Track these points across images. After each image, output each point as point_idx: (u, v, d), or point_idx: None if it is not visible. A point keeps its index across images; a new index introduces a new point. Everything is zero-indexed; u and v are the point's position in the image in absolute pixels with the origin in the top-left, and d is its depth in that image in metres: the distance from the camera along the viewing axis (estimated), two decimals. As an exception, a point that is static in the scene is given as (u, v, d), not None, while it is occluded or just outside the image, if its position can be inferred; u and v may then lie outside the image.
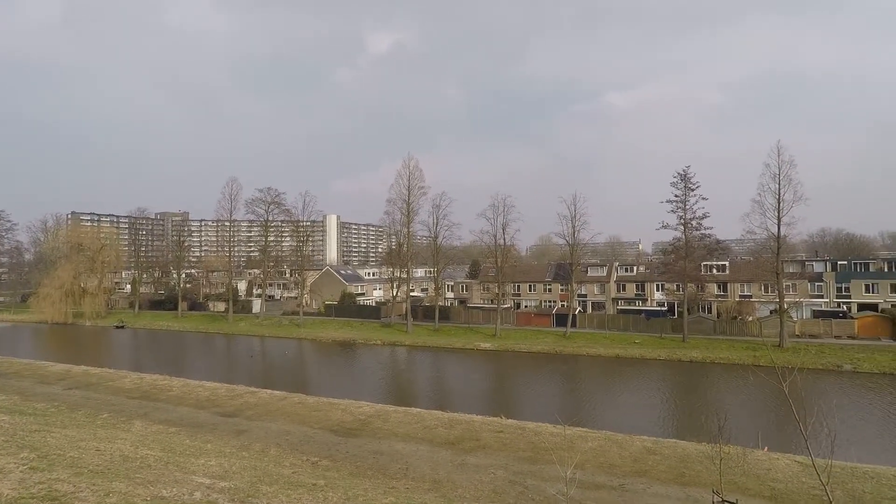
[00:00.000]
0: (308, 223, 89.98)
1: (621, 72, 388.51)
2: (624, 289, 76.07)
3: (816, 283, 65.71)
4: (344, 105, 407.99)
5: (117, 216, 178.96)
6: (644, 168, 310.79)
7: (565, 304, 72.40)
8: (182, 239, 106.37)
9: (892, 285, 61.57)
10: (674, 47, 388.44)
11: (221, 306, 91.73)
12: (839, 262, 68.91)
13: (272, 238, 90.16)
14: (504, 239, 70.14)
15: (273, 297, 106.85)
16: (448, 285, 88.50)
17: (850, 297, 64.04)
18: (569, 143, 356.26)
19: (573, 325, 65.06)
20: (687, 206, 60.41)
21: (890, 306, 59.07)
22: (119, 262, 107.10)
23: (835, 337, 56.27)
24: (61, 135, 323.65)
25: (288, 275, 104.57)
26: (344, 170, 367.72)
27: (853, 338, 55.57)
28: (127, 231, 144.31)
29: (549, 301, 78.65)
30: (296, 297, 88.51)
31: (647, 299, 73.72)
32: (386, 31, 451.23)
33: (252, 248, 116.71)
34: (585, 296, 77.25)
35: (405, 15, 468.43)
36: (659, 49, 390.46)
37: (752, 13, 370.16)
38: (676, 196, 60.75)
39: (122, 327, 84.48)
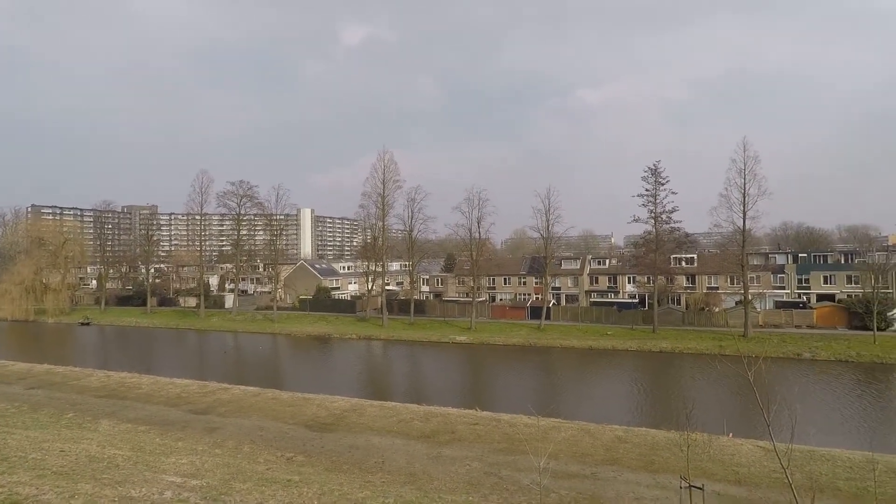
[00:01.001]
0: (282, 217, 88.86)
1: (593, 68, 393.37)
2: (597, 281, 77.35)
3: (779, 275, 68.08)
4: (318, 98, 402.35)
5: (81, 210, 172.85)
6: (616, 162, 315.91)
7: (539, 297, 73.23)
8: (150, 233, 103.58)
9: (847, 277, 64.27)
10: (644, 45, 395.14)
11: (193, 302, 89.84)
12: (800, 255, 71.52)
13: (245, 232, 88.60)
14: (479, 232, 70.61)
15: (246, 291, 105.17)
16: (423, 279, 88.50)
17: (809, 288, 66.67)
18: (543, 138, 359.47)
19: (547, 317, 65.91)
20: (657, 201, 61.71)
21: (846, 297, 61.62)
22: (84, 257, 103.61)
23: (795, 326, 58.43)
24: (18, 125, 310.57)
25: (261, 269, 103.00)
26: (319, 163, 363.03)
27: (812, 327, 57.80)
28: (92, 225, 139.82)
29: (524, 294, 79.44)
30: (269, 292, 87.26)
31: (619, 292, 75.12)
32: (359, 24, 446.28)
33: (224, 243, 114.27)
34: (559, 289, 78.28)
35: (378, 7, 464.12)
36: (629, 46, 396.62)
37: (721, 13, 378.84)
38: (647, 190, 62.03)
39: (88, 324, 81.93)
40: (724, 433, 23.57)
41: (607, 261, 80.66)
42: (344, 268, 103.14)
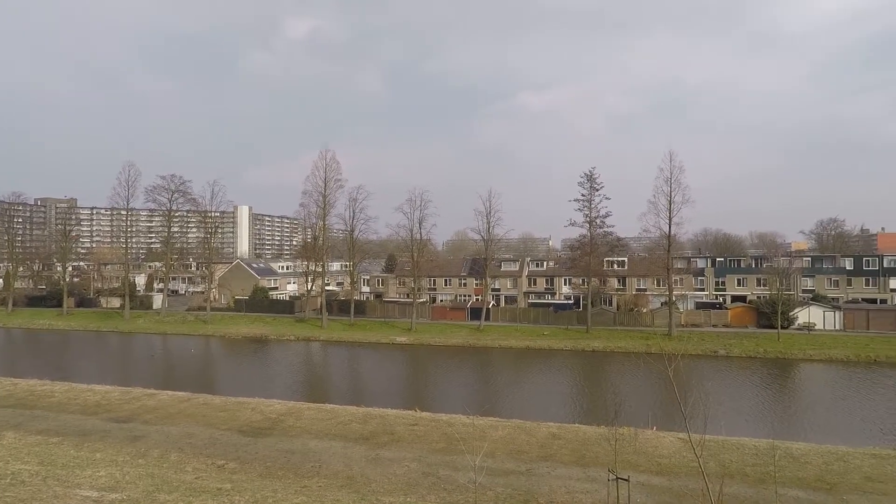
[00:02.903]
0: (217, 214, 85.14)
1: (536, 72, 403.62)
2: (535, 283, 79.58)
3: (699, 278, 73.19)
4: (258, 91, 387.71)
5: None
6: (556, 166, 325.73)
7: (480, 298, 74.45)
8: (68, 228, 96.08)
9: (757, 280, 70.46)
10: (584, 53, 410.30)
11: (117, 302, 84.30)
12: (717, 259, 77.22)
13: (176, 229, 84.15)
14: (420, 233, 70.85)
15: (177, 291, 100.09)
16: (364, 279, 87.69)
17: (725, 290, 72.34)
18: (486, 140, 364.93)
19: (487, 318, 67.10)
20: (592, 205, 64.44)
21: (756, 298, 67.06)
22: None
23: (713, 326, 62.75)
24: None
25: (194, 268, 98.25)
26: (258, 160, 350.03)
27: (727, 326, 62.28)
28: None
29: (464, 295, 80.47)
30: (203, 292, 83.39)
31: (555, 293, 77.66)
32: (304, 16, 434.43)
33: (153, 240, 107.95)
34: (499, 290, 79.91)
35: (322, 1, 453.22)
36: (570, 53, 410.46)
37: (658, 27, 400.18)
38: (583, 195, 64.59)
39: (-8, 327, 74.96)
40: (648, 427, 25.00)
41: (545, 263, 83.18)
42: (283, 267, 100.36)
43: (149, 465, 20.11)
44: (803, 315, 60.50)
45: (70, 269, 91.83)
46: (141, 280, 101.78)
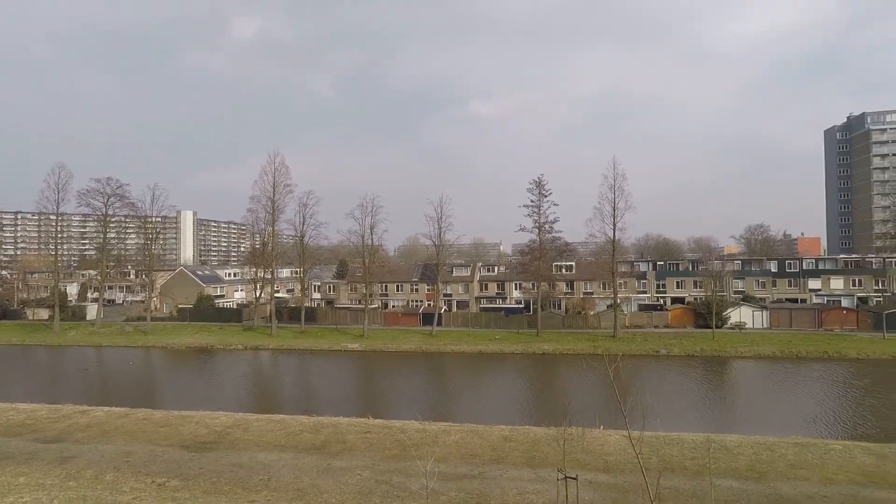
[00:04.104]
0: (158, 219, 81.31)
1: (487, 80, 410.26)
2: (486, 288, 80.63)
3: (642, 281, 76.50)
4: (203, 92, 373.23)
5: None
6: (506, 173, 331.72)
7: (431, 303, 74.67)
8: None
9: (694, 282, 74.47)
10: (532, 62, 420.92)
11: (45, 314, 78.89)
12: (658, 263, 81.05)
13: (112, 235, 79.81)
14: (372, 239, 70.48)
15: (114, 301, 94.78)
16: (315, 286, 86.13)
17: (666, 292, 75.99)
18: (438, 146, 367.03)
19: (439, 323, 67.39)
20: (541, 211, 66.10)
21: (693, 299, 70.74)
22: None
23: (654, 327, 65.63)
24: None
25: (133, 276, 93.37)
26: (202, 164, 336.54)
27: (668, 327, 65.33)
28: None
29: (416, 301, 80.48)
30: (143, 301, 79.37)
31: (507, 297, 78.98)
32: (251, 16, 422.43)
33: (87, 246, 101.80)
34: (451, 295, 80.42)
35: (270, 1, 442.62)
36: (520, 62, 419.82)
37: (601, 41, 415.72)
38: (532, 201, 66.16)
39: None
40: (596, 426, 25.89)
41: (496, 268, 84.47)
42: (230, 274, 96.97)
43: (81, 488, 19.00)
44: (735, 315, 64.32)
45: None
46: (73, 289, 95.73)
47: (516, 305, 76.12)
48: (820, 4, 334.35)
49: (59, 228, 79.13)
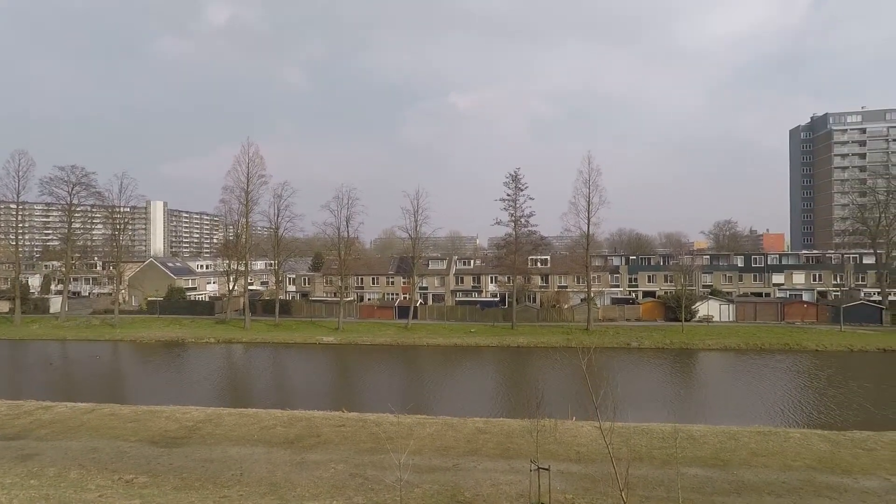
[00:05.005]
0: (126, 209, 79.05)
1: (462, 73, 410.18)
2: (462, 281, 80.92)
3: (615, 275, 77.96)
4: (174, 79, 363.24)
5: None
6: (483, 167, 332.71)
7: (407, 296, 74.59)
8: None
9: (664, 276, 76.21)
10: (507, 58, 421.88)
11: (5, 306, 76.06)
12: (630, 257, 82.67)
13: (78, 225, 77.32)
14: (348, 231, 69.96)
15: (79, 293, 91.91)
16: (290, 278, 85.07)
17: (637, 286, 77.48)
18: (414, 138, 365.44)
19: (415, 316, 67.42)
20: (517, 205, 66.52)
21: (663, 293, 72.39)
22: None
23: (626, 320, 66.98)
24: None
25: (100, 268, 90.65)
26: (173, 153, 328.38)
27: (639, 320, 66.78)
28: None
29: (392, 294, 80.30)
30: (110, 294, 77.16)
31: (482, 291, 79.43)
32: (224, 2, 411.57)
33: (50, 236, 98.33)
34: (427, 288, 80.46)
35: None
36: (494, 57, 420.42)
37: (571, 39, 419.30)
38: (508, 195, 66.49)
39: None
40: (568, 417, 26.36)
41: (472, 261, 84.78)
42: (202, 266, 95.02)
43: (43, 486, 18.47)
44: (703, 308, 66.09)
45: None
46: (36, 281, 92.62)
47: (492, 299, 76.63)
48: (790, 8, 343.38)
49: (19, 218, 76.27)
